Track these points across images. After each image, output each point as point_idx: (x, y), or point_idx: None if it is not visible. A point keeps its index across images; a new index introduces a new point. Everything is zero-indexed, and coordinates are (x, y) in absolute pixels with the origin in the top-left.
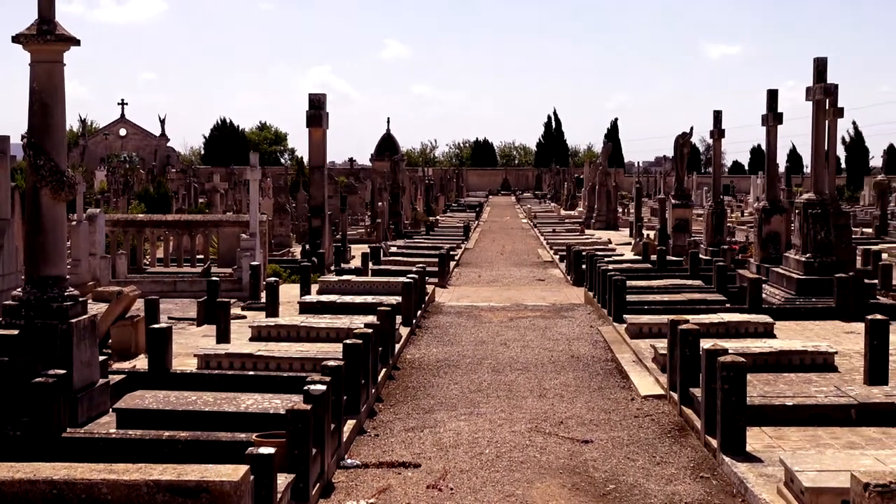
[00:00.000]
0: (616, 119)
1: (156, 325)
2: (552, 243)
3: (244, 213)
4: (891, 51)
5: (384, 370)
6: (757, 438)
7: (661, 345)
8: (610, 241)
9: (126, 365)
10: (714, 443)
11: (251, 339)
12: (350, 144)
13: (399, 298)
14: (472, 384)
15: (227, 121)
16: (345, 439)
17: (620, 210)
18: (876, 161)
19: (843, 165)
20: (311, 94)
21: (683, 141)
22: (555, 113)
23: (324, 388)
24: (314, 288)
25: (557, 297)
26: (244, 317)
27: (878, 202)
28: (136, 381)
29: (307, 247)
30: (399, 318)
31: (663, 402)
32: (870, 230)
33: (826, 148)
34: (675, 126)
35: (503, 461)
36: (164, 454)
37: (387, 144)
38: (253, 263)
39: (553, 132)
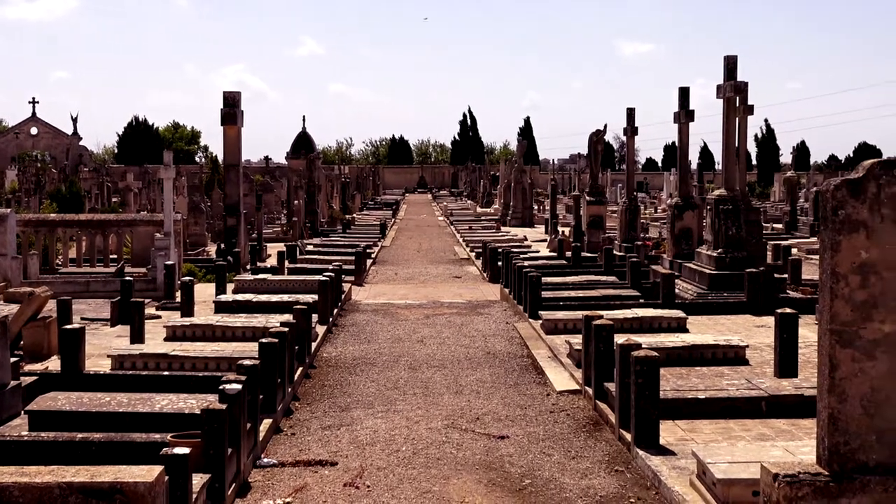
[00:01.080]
0: (530, 117)
1: (68, 326)
2: (468, 241)
3: (158, 212)
4: (800, 49)
5: (301, 369)
6: (670, 431)
7: (576, 340)
8: (526, 238)
9: (38, 366)
10: (628, 436)
11: (166, 339)
12: (266, 143)
13: (315, 297)
14: (389, 382)
15: (141, 119)
16: (261, 438)
17: (536, 207)
18: (786, 157)
19: (755, 162)
20: (225, 92)
21: (597, 138)
22: (470, 111)
23: (239, 387)
24: (230, 287)
25: (474, 294)
26: (159, 317)
27: (788, 198)
28: (49, 382)
29: (222, 246)
30: (315, 317)
31: (578, 397)
32: (780, 225)
33: (737, 145)
34: (590, 123)
35: (420, 458)
36: (77, 456)
37: (303, 142)
38: (167, 263)
39: (469, 130)
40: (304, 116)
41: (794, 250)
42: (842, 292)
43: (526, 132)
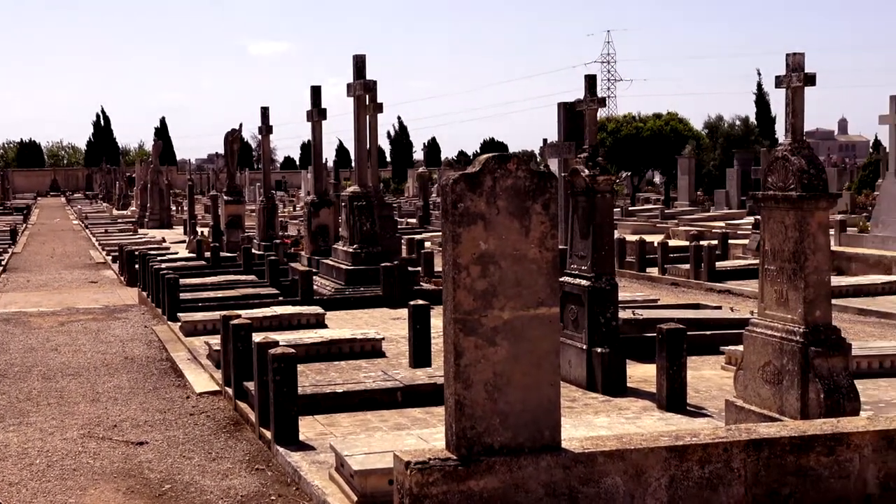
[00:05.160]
0: (165, 117)
1: None
2: (105, 244)
3: None
4: (427, 50)
5: None
6: (310, 427)
7: (215, 341)
8: (164, 240)
9: None
10: (269, 434)
11: None
12: None
13: None
14: (21, 393)
15: None
16: None
17: (174, 208)
18: (419, 154)
19: (389, 158)
20: None
21: (233, 137)
22: (104, 111)
23: None
24: None
25: (111, 299)
26: None
27: (421, 193)
28: None
29: None
30: None
31: (219, 398)
32: (414, 220)
33: (368, 142)
34: (227, 122)
35: (55, 470)
36: None
37: None
38: None
39: (103, 131)
40: None
41: (427, 244)
42: (464, 282)
43: (162, 132)
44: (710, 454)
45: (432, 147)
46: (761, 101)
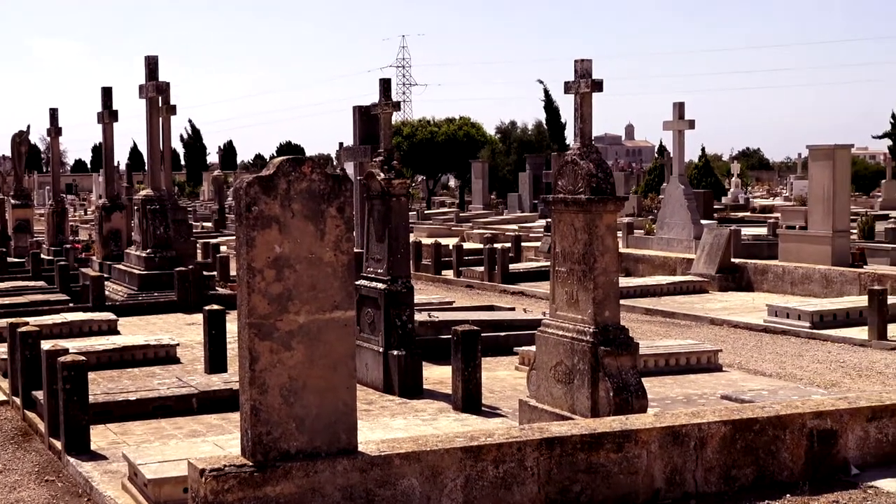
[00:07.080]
0: None
1: None
2: None
3: None
4: (222, 52)
5: None
6: (102, 436)
7: (2, 349)
8: None
9: None
10: (59, 445)
11: None
12: None
13: None
14: None
15: None
16: None
17: None
18: (214, 157)
19: (183, 162)
20: None
21: (20, 139)
22: None
23: None
24: None
25: None
26: None
27: (217, 197)
28: None
29: None
30: None
31: (6, 409)
32: (210, 224)
33: (161, 145)
34: (15, 124)
35: None
36: None
37: None
38: None
39: None
40: None
41: (223, 248)
42: (258, 286)
43: None
44: (504, 454)
45: (228, 150)
46: (550, 107)
